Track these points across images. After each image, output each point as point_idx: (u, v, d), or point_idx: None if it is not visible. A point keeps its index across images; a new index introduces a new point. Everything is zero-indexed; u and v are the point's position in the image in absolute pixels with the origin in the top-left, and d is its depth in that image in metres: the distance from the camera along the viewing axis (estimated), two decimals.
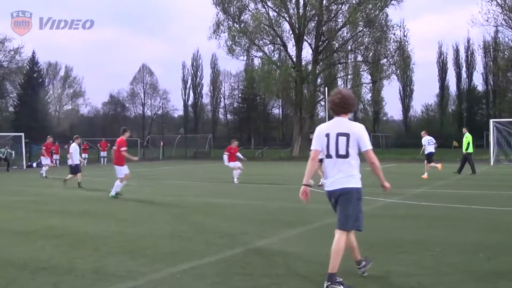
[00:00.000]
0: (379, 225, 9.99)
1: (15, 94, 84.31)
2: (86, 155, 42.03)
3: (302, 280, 6.10)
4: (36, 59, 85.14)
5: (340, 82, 70.25)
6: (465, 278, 6.09)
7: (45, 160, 25.88)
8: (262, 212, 12.19)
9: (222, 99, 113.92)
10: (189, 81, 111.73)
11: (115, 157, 16.22)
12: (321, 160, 17.73)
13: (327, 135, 5.88)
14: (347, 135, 5.79)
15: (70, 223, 10.66)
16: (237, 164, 21.73)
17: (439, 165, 23.06)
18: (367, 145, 5.89)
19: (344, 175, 5.86)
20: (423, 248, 7.62)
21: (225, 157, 21.60)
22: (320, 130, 6.03)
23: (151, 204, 14.50)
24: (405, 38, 53.05)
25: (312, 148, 6.07)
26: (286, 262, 6.92)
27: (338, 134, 5.80)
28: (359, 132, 5.87)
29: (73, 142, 21.51)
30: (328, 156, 5.93)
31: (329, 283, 5.62)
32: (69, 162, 20.78)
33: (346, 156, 5.81)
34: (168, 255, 7.46)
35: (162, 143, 54.80)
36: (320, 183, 18.23)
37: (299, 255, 7.36)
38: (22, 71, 77.49)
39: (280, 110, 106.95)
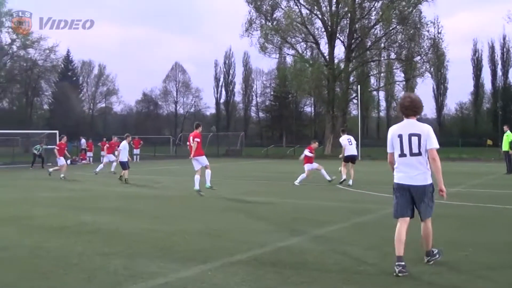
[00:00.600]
0: (410, 224, 9.89)
1: (50, 92, 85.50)
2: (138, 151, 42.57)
3: (333, 278, 6.06)
4: (70, 57, 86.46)
5: (373, 80, 69.88)
6: (500, 279, 6.00)
7: (60, 161, 24.31)
8: (293, 211, 12.17)
9: (254, 97, 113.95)
10: (221, 79, 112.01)
11: (196, 149, 16.23)
12: (347, 160, 17.57)
13: (400, 136, 6.51)
14: (418, 135, 6.41)
15: (102, 220, 10.78)
16: (313, 166, 19.95)
17: None
18: (434, 144, 6.40)
19: (419, 172, 6.43)
20: (456, 249, 7.51)
21: (306, 155, 20.21)
22: (393, 132, 6.64)
23: (182, 201, 14.59)
24: (439, 35, 52.43)
25: (388, 151, 6.75)
26: (316, 260, 6.89)
27: (411, 135, 6.43)
28: (429, 132, 6.44)
29: (124, 140, 22.70)
30: (402, 155, 6.50)
31: (429, 257, 6.66)
32: (116, 159, 22.83)
33: (419, 154, 6.41)
34: (199, 252, 7.49)
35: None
36: (346, 182, 18.17)
37: (330, 253, 7.33)
38: (57, 70, 78.50)
39: (312, 108, 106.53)
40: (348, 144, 18.92)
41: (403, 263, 6.16)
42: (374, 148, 58.30)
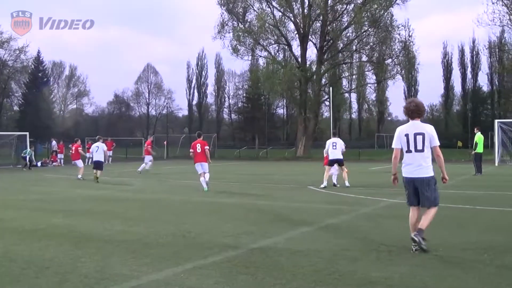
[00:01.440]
0: (383, 225, 10.00)
1: (20, 93, 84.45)
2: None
3: (307, 279, 6.08)
4: (41, 58, 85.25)
5: (345, 82, 70.27)
6: (469, 279, 6.08)
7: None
8: (267, 212, 12.19)
9: (227, 98, 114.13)
10: (194, 81, 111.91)
11: (201, 155, 18.21)
12: (331, 164, 17.55)
13: (407, 135, 7.64)
14: (423, 134, 7.56)
15: (74, 222, 10.67)
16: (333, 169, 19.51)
17: None
18: (437, 142, 7.62)
19: (423, 166, 7.55)
20: (430, 247, 7.59)
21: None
22: (400, 131, 7.75)
23: (155, 203, 14.52)
24: (410, 38, 53.02)
25: (394, 146, 7.87)
26: (290, 262, 6.90)
27: (416, 134, 7.57)
28: (432, 132, 7.60)
29: (97, 141, 24.37)
30: (408, 151, 7.64)
31: (417, 233, 7.41)
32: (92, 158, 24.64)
33: (422, 150, 7.56)
34: (172, 254, 7.46)
35: (166, 143, 54.85)
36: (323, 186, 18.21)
37: (304, 254, 7.34)
38: (27, 70, 77.60)
39: (285, 110, 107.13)
40: (332, 148, 18.86)
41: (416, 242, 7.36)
42: (346, 150, 58.69)
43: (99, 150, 23.43)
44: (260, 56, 59.68)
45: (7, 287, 5.91)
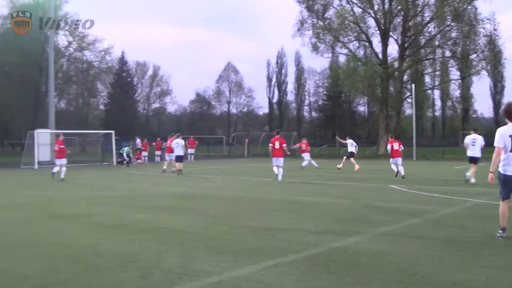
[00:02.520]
0: (468, 226, 9.72)
1: (105, 93, 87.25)
2: (192, 151, 42.86)
3: (388, 279, 5.99)
4: (125, 59, 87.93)
5: (427, 78, 68.51)
6: None
7: (59, 161, 23.08)
8: (347, 211, 12.08)
9: (307, 96, 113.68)
10: (274, 79, 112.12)
11: (278, 151, 21.03)
12: (472, 160, 18.43)
13: (511, 136, 8.04)
14: None
15: (158, 219, 10.93)
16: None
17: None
18: None
19: None
20: None
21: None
22: (504, 132, 8.15)
23: (236, 201, 14.65)
24: (495, 32, 51.09)
25: (496, 145, 8.19)
26: (371, 261, 6.83)
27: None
28: None
29: (177, 138, 26.59)
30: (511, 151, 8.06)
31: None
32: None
33: None
34: (253, 251, 7.52)
35: (247, 141, 55.22)
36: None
37: (384, 254, 7.24)
38: (112, 71, 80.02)
39: (366, 108, 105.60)
40: (471, 144, 19.45)
41: (502, 232, 8.20)
42: (429, 148, 57.42)
43: (179, 146, 25.83)
44: (340, 53, 59.08)
45: (94, 280, 6.12)
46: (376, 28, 53.57)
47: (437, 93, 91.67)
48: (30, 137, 36.95)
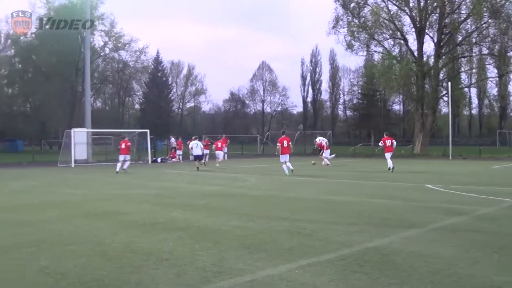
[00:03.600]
0: (506, 227, 9.57)
1: (140, 92, 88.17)
2: (207, 151, 43.11)
3: (423, 280, 5.93)
4: (160, 58, 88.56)
5: (464, 76, 67.52)
6: None
7: (124, 157, 27.84)
8: (382, 211, 11.97)
9: (342, 95, 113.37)
10: (308, 78, 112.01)
11: (286, 149, 24.47)
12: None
13: None
14: None
15: (192, 217, 11.01)
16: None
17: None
18: None
19: None
20: None
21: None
22: None
23: (268, 199, 14.66)
24: None
25: None
26: (406, 262, 6.75)
27: None
28: None
29: (194, 140, 29.82)
30: None
31: None
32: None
33: None
34: (286, 250, 7.51)
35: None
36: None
37: (420, 255, 7.15)
38: (147, 70, 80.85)
39: (401, 106, 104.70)
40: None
41: None
42: (465, 147, 56.64)
43: (198, 146, 29.51)
44: (375, 52, 58.50)
45: (129, 277, 6.18)
46: (412, 26, 52.94)
47: (473, 91, 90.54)
48: (67, 136, 37.51)
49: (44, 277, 6.22)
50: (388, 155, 27.63)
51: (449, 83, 46.36)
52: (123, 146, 27.90)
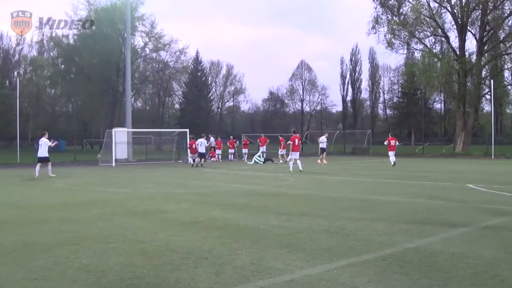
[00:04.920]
0: None
1: (180, 92, 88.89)
2: (246, 150, 43.30)
3: (465, 282, 5.84)
4: (199, 58, 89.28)
5: (507, 74, 66.24)
6: None
7: (193, 155, 33.12)
8: (423, 210, 11.82)
9: (381, 94, 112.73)
10: (348, 76, 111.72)
11: (297, 147, 26.38)
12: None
13: None
14: None
15: (231, 216, 11.05)
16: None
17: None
18: None
19: None
20: None
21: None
22: None
23: (307, 199, 14.62)
24: None
25: None
26: (447, 263, 6.66)
27: None
28: None
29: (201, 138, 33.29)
30: None
31: None
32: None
33: None
34: (325, 250, 7.48)
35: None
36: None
37: (461, 256, 7.04)
38: (187, 70, 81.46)
39: (442, 105, 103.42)
40: None
41: None
42: (508, 147, 55.61)
43: (202, 145, 32.51)
44: (416, 49, 57.88)
45: (168, 275, 6.23)
46: (453, 23, 52.23)
47: None
48: (108, 136, 38.04)
49: (85, 274, 6.32)
50: (391, 153, 30.72)
51: (492, 81, 45.63)
52: (193, 146, 32.97)
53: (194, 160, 32.78)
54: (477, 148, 50.45)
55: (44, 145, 23.35)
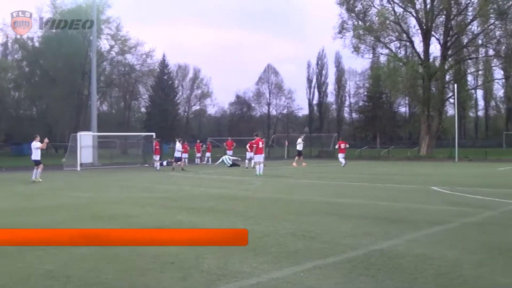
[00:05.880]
0: (511, 229, 9.54)
1: (146, 96, 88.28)
2: (209, 154, 43.44)
3: (429, 283, 5.92)
4: (166, 61, 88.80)
5: (470, 78, 67.40)
6: None
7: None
8: (387, 213, 11.95)
9: (347, 97, 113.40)
10: (314, 80, 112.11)
11: (261, 149, 26.74)
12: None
13: None
14: None
15: (197, 220, 11.02)
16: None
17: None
18: None
19: None
20: None
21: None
22: None
23: (274, 202, 14.64)
24: None
25: None
26: (412, 265, 6.74)
27: None
28: None
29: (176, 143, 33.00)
30: None
31: None
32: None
33: None
34: (292, 253, 7.51)
35: (287, 143, 55.07)
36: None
37: (425, 257, 7.13)
38: (153, 74, 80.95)
39: (407, 108, 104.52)
40: None
41: None
42: (471, 149, 56.55)
43: (177, 149, 32.39)
44: (381, 54, 58.59)
45: (135, 280, 6.21)
46: (418, 28, 52.97)
47: (480, 93, 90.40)
48: (73, 140, 37.59)
49: (49, 280, 6.23)
50: (341, 155, 34.10)
51: (455, 85, 46.36)
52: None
53: (161, 164, 32.74)
54: (441, 151, 51.23)
55: (35, 149, 23.29)
